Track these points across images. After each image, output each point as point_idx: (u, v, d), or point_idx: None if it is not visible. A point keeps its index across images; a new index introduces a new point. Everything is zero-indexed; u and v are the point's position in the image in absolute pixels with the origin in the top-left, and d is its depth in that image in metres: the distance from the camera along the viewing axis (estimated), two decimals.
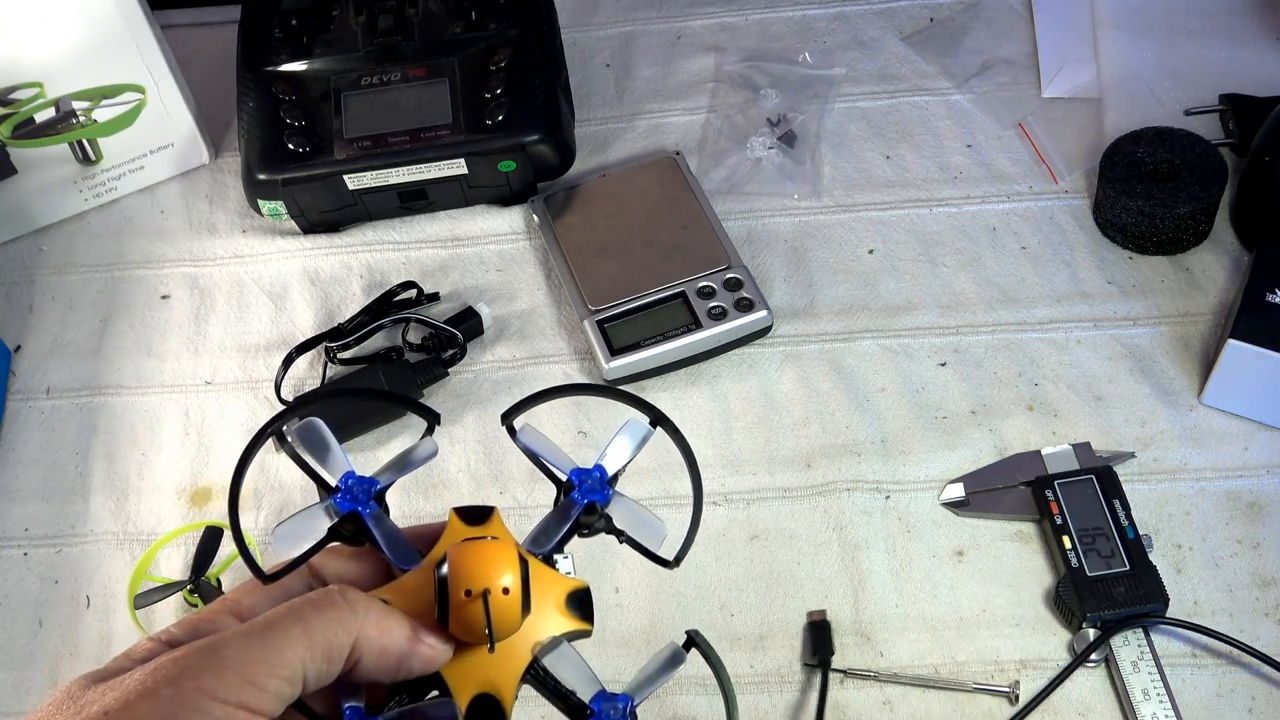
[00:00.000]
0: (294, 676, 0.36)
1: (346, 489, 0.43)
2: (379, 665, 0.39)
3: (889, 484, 0.70)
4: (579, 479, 0.44)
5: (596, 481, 0.44)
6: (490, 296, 0.80)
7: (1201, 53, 0.86)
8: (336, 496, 0.43)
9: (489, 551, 0.40)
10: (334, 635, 0.38)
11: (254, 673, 0.36)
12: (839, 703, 0.63)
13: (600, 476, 0.44)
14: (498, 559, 0.40)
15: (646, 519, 0.45)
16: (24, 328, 0.83)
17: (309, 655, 0.37)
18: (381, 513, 0.43)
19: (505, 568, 0.40)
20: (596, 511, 0.44)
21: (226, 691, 0.35)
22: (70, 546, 0.73)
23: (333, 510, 0.42)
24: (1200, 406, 0.71)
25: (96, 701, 0.35)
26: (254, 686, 0.35)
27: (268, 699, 0.36)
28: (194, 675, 0.35)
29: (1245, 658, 0.62)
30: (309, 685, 0.37)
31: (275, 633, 0.37)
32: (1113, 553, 0.64)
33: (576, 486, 0.44)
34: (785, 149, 0.85)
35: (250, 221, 0.86)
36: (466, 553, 0.40)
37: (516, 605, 0.40)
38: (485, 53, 0.82)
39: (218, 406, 0.78)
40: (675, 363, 0.75)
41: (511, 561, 0.40)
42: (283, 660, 0.36)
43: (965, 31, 0.91)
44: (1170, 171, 0.77)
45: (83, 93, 0.82)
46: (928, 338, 0.76)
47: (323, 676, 0.38)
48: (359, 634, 0.38)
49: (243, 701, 0.35)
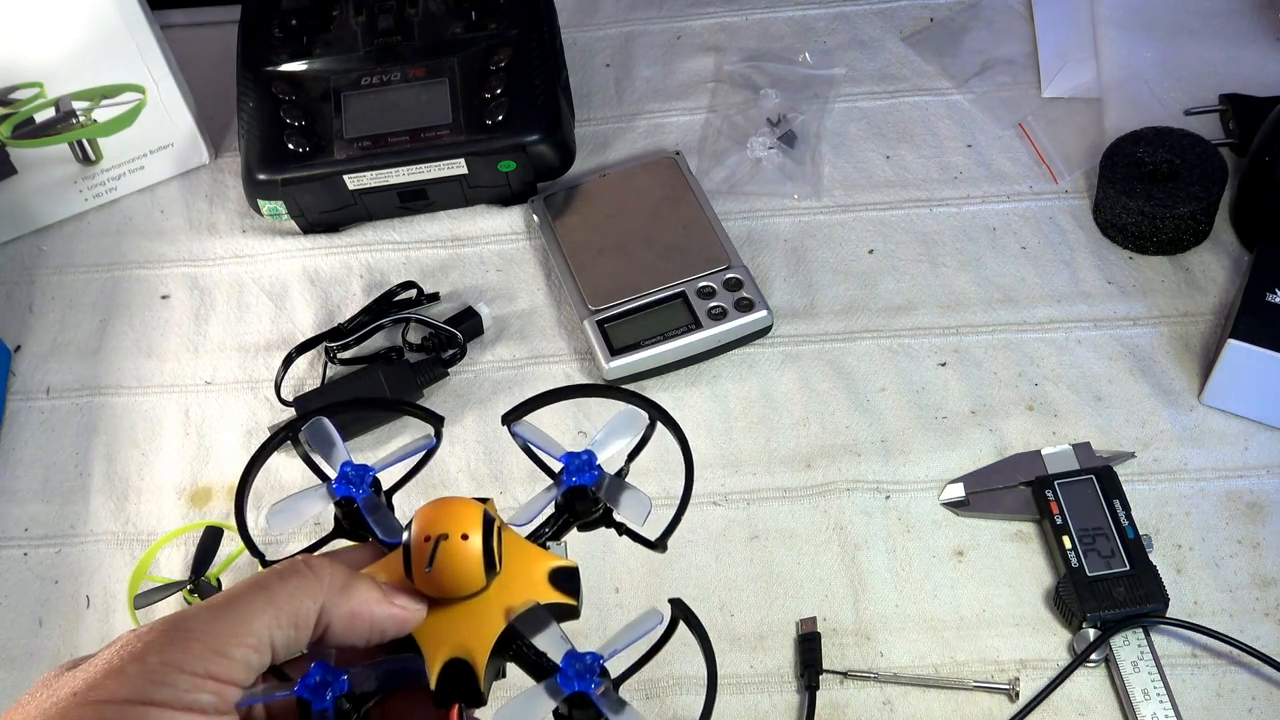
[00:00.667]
0: (261, 644, 0.37)
1: (342, 475, 0.43)
2: (350, 629, 0.39)
3: (889, 484, 0.70)
4: (568, 460, 0.45)
5: (584, 464, 0.44)
6: (490, 296, 0.80)
7: (1201, 53, 0.86)
8: (333, 482, 0.43)
9: (452, 503, 0.40)
10: (300, 601, 0.38)
11: (220, 642, 0.36)
12: (839, 703, 0.63)
13: (589, 459, 0.44)
14: (459, 508, 0.40)
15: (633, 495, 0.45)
16: (24, 328, 0.83)
17: (275, 622, 0.37)
18: (377, 499, 0.44)
19: (466, 517, 0.40)
20: (588, 496, 0.44)
21: (193, 663, 0.35)
22: (70, 546, 0.73)
23: (329, 494, 0.43)
24: (1200, 406, 0.71)
25: (67, 684, 0.35)
26: (221, 656, 0.36)
27: (236, 667, 0.36)
28: (158, 649, 0.35)
29: (1245, 658, 0.62)
30: (279, 653, 0.37)
31: (240, 602, 0.37)
32: (1113, 553, 0.64)
33: (565, 468, 0.45)
34: (785, 149, 0.85)
35: (250, 221, 0.86)
36: (431, 505, 0.41)
37: (476, 554, 0.39)
38: (485, 53, 0.82)
39: (218, 406, 0.78)
40: (675, 363, 0.75)
41: (474, 514, 0.40)
42: (249, 629, 0.36)
43: (965, 31, 0.91)
44: (1170, 171, 0.77)
45: (83, 93, 0.82)
46: (928, 338, 0.76)
47: (292, 643, 0.38)
48: (325, 599, 0.38)
49: (210, 671, 0.35)
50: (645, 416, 0.47)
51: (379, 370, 0.75)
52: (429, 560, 0.39)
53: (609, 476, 0.45)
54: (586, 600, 0.70)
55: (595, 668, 0.39)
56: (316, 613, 0.38)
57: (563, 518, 0.45)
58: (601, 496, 0.44)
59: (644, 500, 0.44)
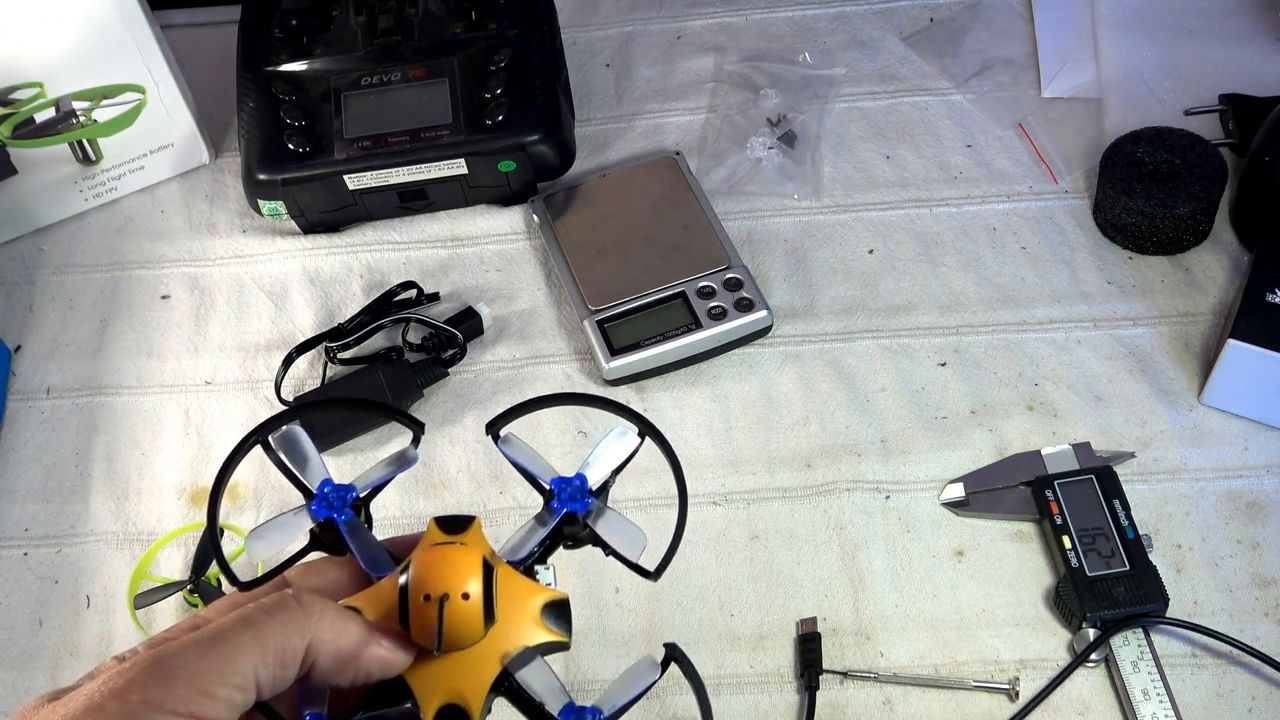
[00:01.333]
0: (246, 683, 0.36)
1: (322, 496, 0.42)
2: (334, 669, 0.38)
3: (889, 484, 0.70)
4: (559, 488, 0.44)
5: (576, 490, 0.44)
6: (490, 296, 0.80)
7: (1201, 53, 0.87)
8: (313, 504, 0.42)
9: (451, 556, 0.39)
10: (286, 639, 0.37)
11: (204, 681, 0.35)
12: (839, 702, 0.63)
13: (580, 485, 0.44)
14: (459, 564, 0.39)
15: (627, 529, 0.44)
16: (24, 328, 0.83)
17: (260, 660, 0.36)
18: (359, 521, 0.43)
19: (466, 573, 0.39)
20: (577, 521, 0.43)
21: (175, 701, 0.34)
22: (70, 546, 0.73)
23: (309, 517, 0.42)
24: (1200, 406, 0.71)
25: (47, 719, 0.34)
26: (204, 695, 0.35)
27: (219, 707, 0.35)
28: (140, 687, 0.34)
29: (1245, 658, 0.62)
30: (263, 691, 0.37)
31: (225, 639, 0.36)
32: (1113, 553, 0.64)
33: (556, 495, 0.44)
34: (785, 149, 0.85)
35: (250, 221, 0.86)
36: (429, 557, 0.40)
37: (477, 612, 0.39)
38: (485, 53, 0.82)
39: (218, 406, 0.78)
40: (675, 363, 0.75)
41: (474, 567, 0.39)
42: (234, 667, 0.36)
43: (965, 31, 0.91)
44: (1170, 171, 0.77)
45: (83, 93, 0.82)
46: (928, 338, 0.76)
47: (277, 681, 0.37)
48: (313, 637, 0.38)
49: (192, 711, 0.34)
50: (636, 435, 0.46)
51: (379, 370, 0.75)
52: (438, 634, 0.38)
53: (601, 507, 0.44)
54: (586, 600, 0.70)
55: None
56: (303, 650, 0.37)
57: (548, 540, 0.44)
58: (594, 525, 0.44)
59: (638, 535, 0.44)
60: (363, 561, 0.42)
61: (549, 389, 0.76)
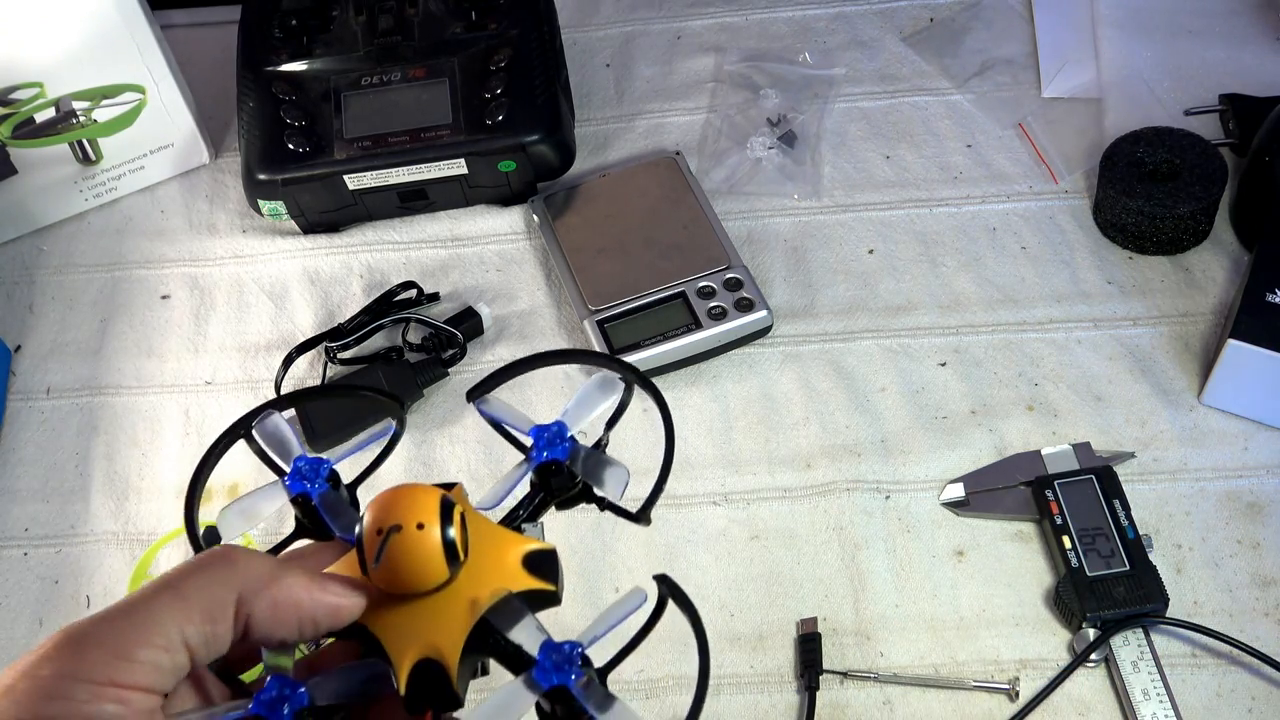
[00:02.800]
0: (171, 643, 0.34)
1: (296, 470, 0.41)
2: (274, 619, 0.36)
3: (889, 484, 0.70)
4: (537, 435, 0.42)
5: (554, 435, 0.42)
6: (490, 296, 0.80)
7: (1201, 53, 0.87)
8: (287, 477, 0.41)
9: (406, 490, 0.38)
10: (212, 592, 0.35)
11: (122, 645, 0.33)
12: (839, 702, 0.63)
13: (559, 430, 0.42)
14: (414, 496, 0.37)
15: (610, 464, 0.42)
16: (24, 328, 0.83)
17: (185, 618, 0.34)
18: (337, 495, 0.41)
19: (422, 504, 0.37)
20: (562, 471, 0.41)
21: (90, 670, 0.32)
22: (70, 546, 0.73)
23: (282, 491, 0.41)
24: (1200, 406, 0.71)
25: None
26: (123, 660, 0.33)
27: (142, 671, 0.33)
28: (51, 661, 0.32)
29: (1245, 658, 0.62)
30: (196, 651, 0.34)
31: (143, 603, 0.34)
32: (1113, 553, 0.64)
33: (534, 443, 0.42)
34: (785, 149, 0.85)
35: (250, 221, 0.86)
36: (384, 494, 0.38)
37: (433, 543, 0.36)
38: (485, 53, 0.82)
39: (218, 406, 0.78)
40: (675, 363, 0.75)
41: (430, 501, 0.37)
42: (154, 628, 0.33)
43: (965, 31, 0.91)
44: (1170, 171, 0.77)
45: (83, 93, 0.82)
46: (928, 338, 0.76)
47: (211, 640, 0.35)
48: (242, 588, 0.35)
49: (112, 678, 0.32)
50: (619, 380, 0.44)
51: (379, 370, 0.75)
52: (376, 555, 0.36)
53: (583, 449, 0.42)
54: (585, 600, 0.70)
55: (575, 657, 0.37)
56: (233, 604, 0.35)
57: (538, 497, 0.42)
58: (578, 471, 0.42)
59: (621, 471, 0.42)
60: (338, 530, 0.40)
61: (549, 389, 0.76)
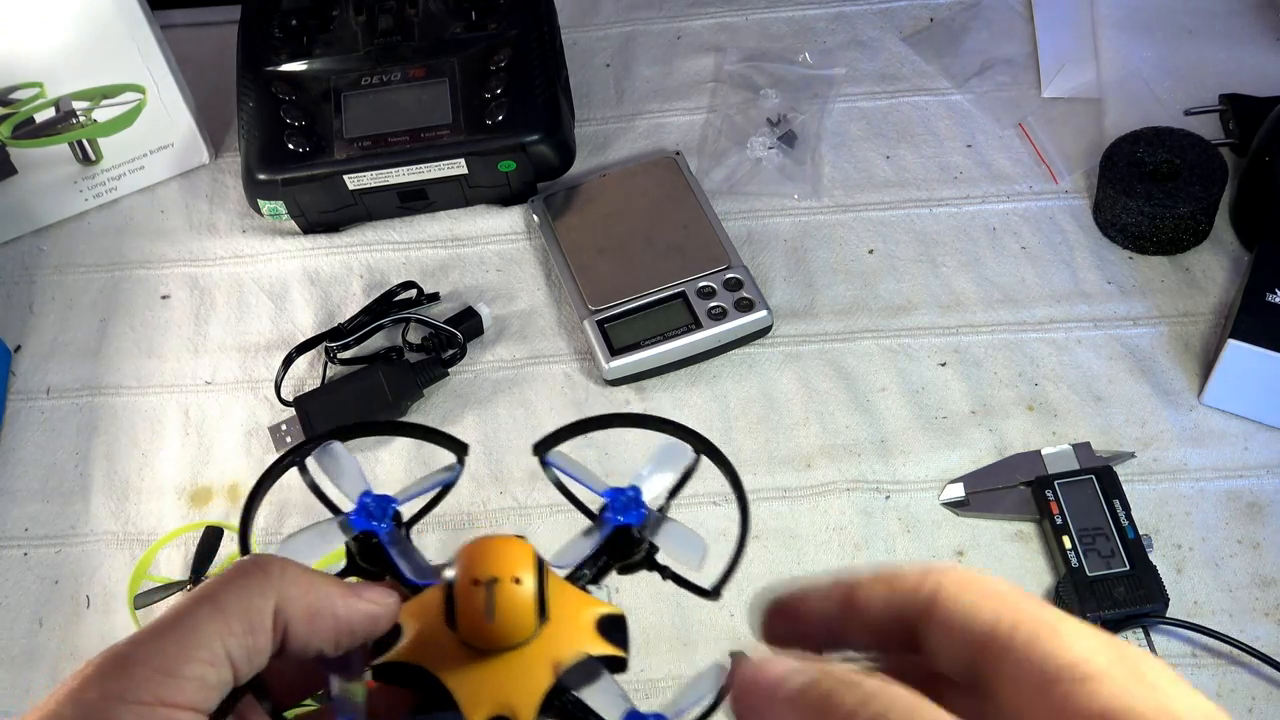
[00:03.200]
0: (215, 657, 0.33)
1: (362, 507, 0.39)
2: (312, 629, 0.35)
3: (889, 484, 0.70)
4: (612, 498, 0.41)
5: (630, 501, 0.41)
6: (490, 296, 0.80)
7: (1201, 53, 0.87)
8: (351, 514, 0.39)
9: (502, 543, 0.37)
10: (249, 601, 0.34)
11: (166, 662, 0.32)
12: None
13: (635, 496, 0.41)
14: (511, 550, 0.36)
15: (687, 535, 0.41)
16: (24, 328, 0.83)
17: (225, 629, 0.33)
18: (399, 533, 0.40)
19: (519, 559, 0.36)
20: (632, 537, 0.41)
21: (138, 690, 0.31)
22: (70, 546, 0.73)
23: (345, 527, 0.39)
24: (1200, 406, 0.71)
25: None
26: (169, 677, 0.32)
27: (190, 688, 0.32)
28: (97, 683, 0.31)
29: (1245, 658, 0.62)
30: (239, 665, 0.34)
31: (184, 617, 0.33)
32: (1113, 553, 0.64)
33: (609, 505, 0.41)
34: (785, 149, 0.85)
35: (250, 221, 0.86)
36: (479, 544, 0.37)
37: (529, 600, 0.36)
38: (485, 53, 0.82)
39: (218, 406, 0.78)
40: (675, 363, 0.75)
41: (526, 555, 0.36)
42: (197, 641, 0.32)
43: (965, 31, 0.91)
44: (1170, 171, 0.77)
45: (83, 93, 0.82)
46: (928, 338, 0.76)
47: (251, 653, 0.34)
48: (279, 595, 0.34)
49: (160, 697, 0.31)
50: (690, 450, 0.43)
51: (379, 370, 0.75)
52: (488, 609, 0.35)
53: (655, 515, 0.41)
54: None
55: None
56: (270, 612, 0.34)
57: (603, 559, 0.41)
58: (647, 536, 0.41)
59: (698, 543, 0.41)
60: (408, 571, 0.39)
61: (549, 389, 0.76)
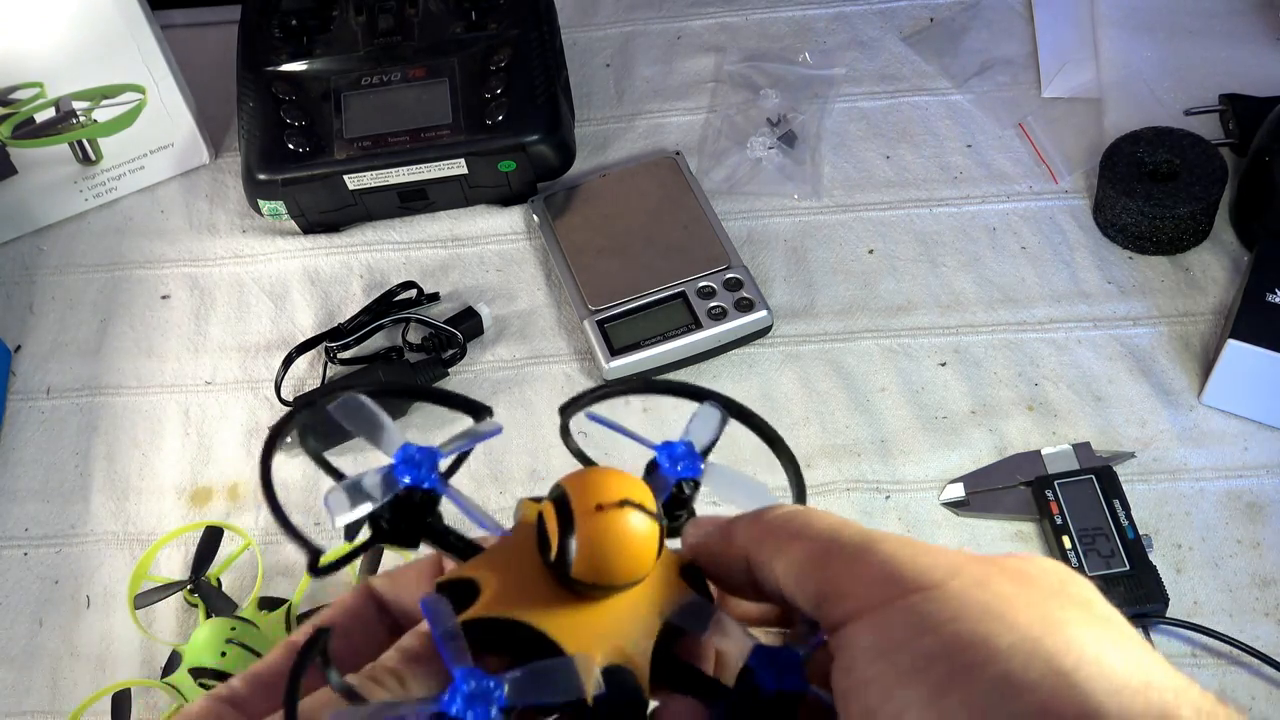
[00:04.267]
0: None
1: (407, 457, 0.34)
2: None
3: (889, 484, 0.70)
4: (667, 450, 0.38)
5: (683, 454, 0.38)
6: (490, 296, 0.80)
7: (1201, 53, 0.86)
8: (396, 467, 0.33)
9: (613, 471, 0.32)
10: None
11: None
12: None
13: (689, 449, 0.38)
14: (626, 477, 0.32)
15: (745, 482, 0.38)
16: (24, 328, 0.83)
17: None
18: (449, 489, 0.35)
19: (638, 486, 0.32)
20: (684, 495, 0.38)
21: None
22: (70, 546, 0.73)
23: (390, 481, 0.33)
24: (1200, 406, 0.71)
25: None
26: None
27: None
28: None
29: (1245, 658, 0.62)
30: None
31: None
32: (1113, 553, 0.64)
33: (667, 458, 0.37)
34: (785, 149, 0.85)
35: (250, 221, 0.86)
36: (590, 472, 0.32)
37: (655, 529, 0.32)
38: (485, 53, 0.82)
39: (218, 406, 0.78)
40: (675, 363, 0.75)
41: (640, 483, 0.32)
42: None
43: (965, 31, 0.91)
44: (1170, 171, 0.77)
45: (83, 93, 0.82)
46: (928, 338, 0.76)
47: None
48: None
49: None
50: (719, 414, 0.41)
51: (379, 370, 0.75)
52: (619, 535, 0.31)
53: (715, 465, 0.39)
54: None
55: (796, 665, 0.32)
56: None
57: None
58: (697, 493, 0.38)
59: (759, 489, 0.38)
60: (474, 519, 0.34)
61: (549, 389, 0.76)
